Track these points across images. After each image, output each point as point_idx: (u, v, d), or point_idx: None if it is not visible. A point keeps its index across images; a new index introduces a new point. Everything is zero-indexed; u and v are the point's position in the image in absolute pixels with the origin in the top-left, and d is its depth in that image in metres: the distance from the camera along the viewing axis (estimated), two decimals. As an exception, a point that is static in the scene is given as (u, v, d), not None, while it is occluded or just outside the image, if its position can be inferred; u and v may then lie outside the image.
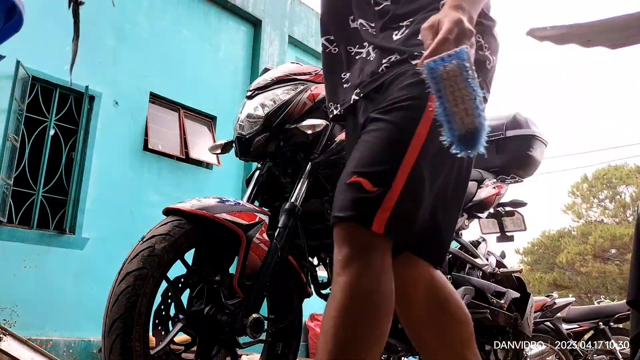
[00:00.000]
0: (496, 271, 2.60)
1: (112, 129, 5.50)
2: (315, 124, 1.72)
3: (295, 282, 1.78)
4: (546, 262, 23.23)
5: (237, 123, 1.82)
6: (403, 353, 2.07)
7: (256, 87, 1.86)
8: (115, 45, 5.63)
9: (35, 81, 5.07)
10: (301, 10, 7.62)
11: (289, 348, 1.83)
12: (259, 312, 1.55)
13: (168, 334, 1.48)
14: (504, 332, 2.50)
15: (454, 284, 2.23)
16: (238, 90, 6.67)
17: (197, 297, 1.56)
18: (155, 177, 5.81)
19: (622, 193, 23.31)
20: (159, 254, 1.42)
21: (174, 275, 1.52)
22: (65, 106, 5.27)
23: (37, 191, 5.05)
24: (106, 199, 5.36)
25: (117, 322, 1.34)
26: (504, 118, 2.78)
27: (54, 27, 5.06)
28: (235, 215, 1.53)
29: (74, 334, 4.93)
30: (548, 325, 3.62)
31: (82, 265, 5.08)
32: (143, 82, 5.82)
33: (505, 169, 2.70)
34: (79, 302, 4.99)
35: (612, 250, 20.19)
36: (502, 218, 2.87)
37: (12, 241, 4.71)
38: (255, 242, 1.53)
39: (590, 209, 24.11)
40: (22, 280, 4.67)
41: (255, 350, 2.08)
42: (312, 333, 6.67)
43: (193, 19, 6.40)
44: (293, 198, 1.69)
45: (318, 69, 1.95)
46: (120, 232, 5.33)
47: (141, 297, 1.36)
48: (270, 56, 7.01)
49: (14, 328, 4.01)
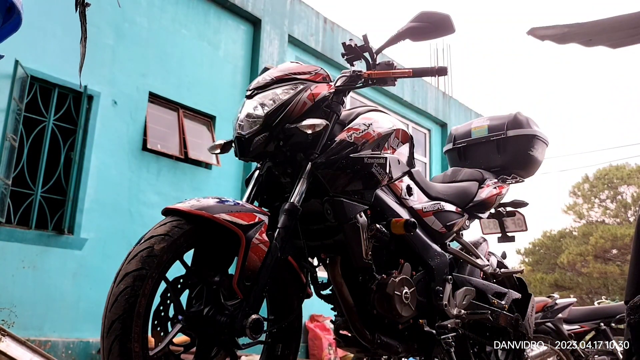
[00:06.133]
0: (497, 272, 2.59)
1: (110, 129, 5.49)
2: (315, 124, 1.71)
3: (295, 283, 1.77)
4: (547, 263, 23.24)
5: (237, 123, 1.80)
6: (403, 354, 2.06)
7: (256, 86, 1.84)
8: (114, 44, 5.62)
9: (33, 81, 5.05)
10: (301, 10, 7.61)
11: (288, 349, 1.82)
12: (258, 313, 1.54)
13: (167, 335, 1.46)
14: (505, 333, 2.49)
15: (455, 285, 2.23)
16: (237, 89, 6.66)
17: (196, 297, 1.55)
18: (154, 177, 5.80)
19: (623, 193, 23.33)
20: (158, 255, 1.41)
21: (173, 276, 1.51)
22: (63, 106, 5.26)
23: (36, 191, 5.03)
24: (105, 199, 5.35)
25: (116, 322, 1.33)
26: (505, 118, 2.78)
27: (53, 26, 5.06)
28: (234, 215, 1.52)
29: (72, 334, 4.92)
30: (549, 326, 3.61)
31: (81, 266, 5.07)
32: (142, 81, 5.81)
33: (506, 168, 2.70)
34: (78, 303, 4.98)
35: (614, 250, 20.21)
36: (503, 218, 2.86)
37: (11, 241, 4.70)
38: (255, 243, 1.52)
39: (592, 209, 24.13)
40: (20, 280, 4.66)
41: (255, 351, 2.08)
42: (312, 334, 6.65)
43: (192, 18, 6.39)
44: (293, 198, 1.68)
45: (318, 69, 1.94)
46: (119, 233, 5.32)
47: (140, 297, 1.35)
48: (270, 55, 7.00)
49: (12, 329, 4.00)
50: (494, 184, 2.58)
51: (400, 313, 1.88)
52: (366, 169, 1.81)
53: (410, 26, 1.92)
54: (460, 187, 2.46)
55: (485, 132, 2.78)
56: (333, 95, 1.86)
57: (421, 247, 2.13)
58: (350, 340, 2.02)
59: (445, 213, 2.28)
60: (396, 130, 1.98)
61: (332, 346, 6.52)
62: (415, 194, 2.21)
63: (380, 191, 1.99)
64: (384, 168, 1.85)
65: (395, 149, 1.96)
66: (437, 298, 2.10)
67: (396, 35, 1.95)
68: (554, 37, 1.79)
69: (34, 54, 4.94)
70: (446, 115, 10.16)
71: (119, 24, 5.68)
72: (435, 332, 2.05)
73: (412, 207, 2.17)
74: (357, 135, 1.84)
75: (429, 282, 2.12)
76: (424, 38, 1.94)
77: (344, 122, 1.92)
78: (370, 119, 1.93)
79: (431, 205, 2.24)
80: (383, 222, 1.94)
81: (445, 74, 1.91)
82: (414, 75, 1.90)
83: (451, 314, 2.13)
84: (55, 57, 5.07)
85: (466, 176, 2.58)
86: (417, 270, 2.10)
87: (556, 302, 3.70)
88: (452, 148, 2.91)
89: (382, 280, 1.89)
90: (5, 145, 4.66)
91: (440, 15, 1.90)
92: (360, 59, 2.05)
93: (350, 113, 1.99)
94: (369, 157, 1.82)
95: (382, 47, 1.99)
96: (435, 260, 2.15)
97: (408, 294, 1.92)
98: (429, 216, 2.21)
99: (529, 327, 2.58)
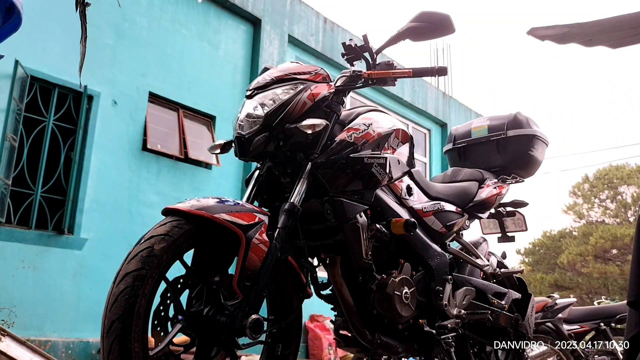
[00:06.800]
0: (497, 272, 2.59)
1: (110, 129, 5.48)
2: (315, 124, 1.71)
3: (295, 283, 1.77)
4: (547, 263, 23.25)
5: (237, 123, 1.80)
6: (403, 354, 2.06)
7: (256, 86, 1.84)
8: (114, 44, 5.62)
9: (33, 81, 5.05)
10: (301, 10, 7.61)
11: (288, 349, 1.82)
12: (258, 313, 1.54)
13: (167, 335, 1.46)
14: (504, 333, 2.49)
15: (455, 285, 2.23)
16: (237, 89, 6.66)
17: (196, 297, 1.55)
18: (154, 177, 5.80)
19: (623, 193, 23.34)
20: (158, 255, 1.41)
21: (173, 276, 1.51)
22: (63, 106, 5.26)
23: (36, 191, 5.03)
24: (105, 199, 5.35)
25: (116, 322, 1.33)
26: (505, 118, 2.78)
27: (53, 26, 5.06)
28: (234, 215, 1.52)
29: (72, 334, 4.92)
30: (549, 326, 3.61)
31: (81, 266, 5.07)
32: (142, 81, 5.81)
33: (506, 168, 2.70)
34: (78, 303, 4.98)
35: (613, 250, 20.22)
36: (503, 218, 2.86)
37: (11, 241, 4.70)
38: (255, 243, 1.52)
39: (592, 209, 24.14)
40: (20, 280, 4.66)
41: (255, 352, 2.08)
42: (312, 334, 6.65)
43: (192, 18, 6.39)
44: (293, 198, 1.68)
45: (318, 69, 1.94)
46: (119, 233, 5.32)
47: (140, 297, 1.35)
48: (270, 55, 7.00)
49: (12, 328, 4.00)
50: (494, 184, 2.58)
51: (400, 313, 1.88)
52: (366, 169, 1.81)
53: (410, 26, 1.91)
54: (460, 187, 2.46)
55: (485, 132, 2.78)
56: (333, 95, 1.86)
57: (421, 247, 2.13)
58: (350, 340, 2.02)
59: (445, 213, 2.28)
60: (396, 130, 1.98)
61: (332, 346, 6.52)
62: (415, 194, 2.21)
63: (380, 191, 1.99)
64: (384, 168, 1.85)
65: (395, 149, 1.96)
66: (437, 298, 2.10)
67: (396, 35, 1.95)
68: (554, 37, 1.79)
69: (34, 54, 4.94)
70: (446, 115, 10.16)
71: (119, 24, 5.68)
72: (435, 332, 2.05)
73: (412, 207, 2.17)
74: (357, 135, 1.84)
75: (429, 282, 2.12)
76: (424, 38, 1.94)
77: (344, 122, 1.92)
78: (370, 119, 1.93)
79: (431, 205, 2.24)
80: (383, 222, 1.94)
81: (445, 74, 1.91)
82: (414, 75, 1.90)
83: (451, 314, 2.13)
84: (55, 57, 5.06)
85: (466, 176, 2.58)
86: (417, 270, 2.10)
87: (556, 302, 3.70)
88: (452, 148, 2.91)
89: (382, 280, 1.89)
90: (5, 145, 4.66)
91: (440, 15, 1.90)
92: (360, 59, 2.05)
93: (350, 113, 1.99)
94: (369, 157, 1.82)
95: (382, 47, 1.99)
96: (435, 260, 2.15)
97: (408, 294, 1.91)
98: (429, 216, 2.21)
99: (529, 327, 2.58)
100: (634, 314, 1.54)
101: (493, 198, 2.53)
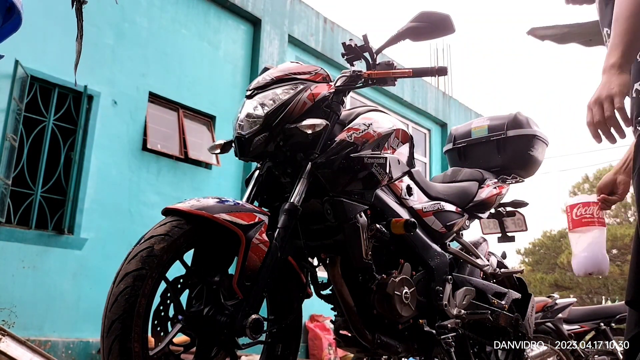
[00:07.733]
0: (497, 272, 2.59)
1: (110, 129, 5.48)
2: (315, 124, 1.71)
3: (295, 283, 1.77)
4: (547, 263, 23.25)
5: (237, 123, 1.80)
6: (403, 354, 2.06)
7: (256, 86, 1.84)
8: (114, 44, 5.62)
9: (33, 81, 5.05)
10: (301, 10, 7.61)
11: (288, 349, 1.82)
12: (258, 313, 1.54)
13: (167, 335, 1.46)
14: (504, 333, 2.49)
15: (455, 285, 2.23)
16: (237, 89, 6.66)
17: (196, 297, 1.54)
18: (154, 177, 5.80)
19: (622, 193, 23.28)
20: (158, 255, 1.41)
21: (173, 276, 1.51)
22: (63, 106, 5.26)
23: (36, 191, 5.03)
24: (105, 199, 5.35)
25: (116, 322, 1.33)
26: (505, 118, 2.77)
27: (53, 26, 5.06)
28: (234, 215, 1.52)
29: (72, 334, 4.92)
30: (549, 326, 3.61)
31: (81, 266, 5.07)
32: (142, 81, 5.80)
33: (506, 168, 2.69)
34: (78, 303, 4.98)
35: (614, 250, 20.21)
36: (503, 218, 2.86)
37: (11, 241, 4.70)
38: (255, 243, 1.52)
39: (591, 209, 24.07)
40: (20, 280, 4.66)
41: (255, 351, 2.08)
42: (312, 334, 6.65)
43: (192, 18, 6.39)
44: (293, 198, 1.68)
45: (318, 69, 1.94)
46: (119, 233, 5.32)
47: (140, 297, 1.35)
48: (270, 55, 7.00)
49: (12, 328, 4.00)
50: (494, 184, 2.58)
51: (400, 313, 1.88)
52: (366, 169, 1.81)
53: (410, 26, 1.91)
54: (460, 187, 2.46)
55: (485, 132, 2.78)
56: (333, 95, 1.86)
57: (421, 247, 2.13)
58: (350, 340, 2.02)
59: (445, 213, 2.28)
60: (396, 130, 1.98)
61: (332, 346, 6.52)
62: (415, 194, 2.21)
63: (380, 191, 1.99)
64: (384, 168, 1.85)
65: (395, 149, 1.96)
66: (437, 298, 2.10)
67: (396, 35, 1.95)
68: (554, 37, 1.79)
69: (34, 54, 4.94)
70: (446, 115, 10.16)
71: (119, 24, 5.68)
72: (435, 332, 2.05)
73: (412, 207, 2.17)
74: (357, 135, 1.84)
75: (429, 282, 2.12)
76: (424, 38, 1.93)
77: (344, 122, 1.92)
78: (370, 119, 1.93)
79: (431, 205, 2.24)
80: (383, 222, 1.94)
81: (445, 74, 1.91)
82: (414, 75, 1.90)
83: (451, 314, 2.13)
84: (55, 57, 5.06)
85: (466, 176, 2.58)
86: (417, 270, 2.10)
87: (556, 302, 3.69)
88: (452, 148, 2.91)
89: (382, 280, 1.89)
90: (5, 145, 4.66)
91: (440, 15, 1.90)
92: (360, 59, 2.05)
93: (350, 113, 1.99)
94: (369, 157, 1.82)
95: (382, 47, 1.99)
96: (435, 260, 2.15)
97: (408, 294, 1.91)
98: (429, 216, 2.21)
99: (529, 327, 2.58)
100: (634, 314, 1.55)
101: (493, 198, 2.53)
